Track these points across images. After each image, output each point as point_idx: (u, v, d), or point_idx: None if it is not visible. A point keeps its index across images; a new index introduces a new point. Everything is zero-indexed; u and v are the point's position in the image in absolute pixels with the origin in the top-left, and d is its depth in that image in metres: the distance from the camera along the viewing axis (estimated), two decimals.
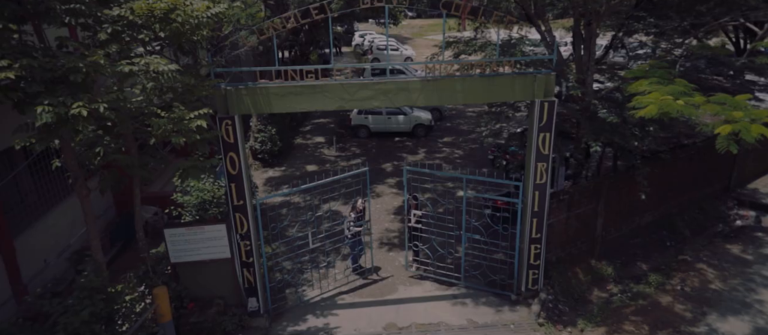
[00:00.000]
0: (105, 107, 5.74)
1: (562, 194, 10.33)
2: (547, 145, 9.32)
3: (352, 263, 11.47)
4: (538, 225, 9.84)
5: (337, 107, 9.00)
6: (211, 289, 9.47)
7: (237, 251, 9.35)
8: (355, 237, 11.07)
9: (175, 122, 6.88)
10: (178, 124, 6.86)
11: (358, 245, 11.27)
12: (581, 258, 11.17)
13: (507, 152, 15.77)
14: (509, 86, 9.05)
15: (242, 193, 9.03)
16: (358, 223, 11.04)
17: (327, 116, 25.58)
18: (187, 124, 6.88)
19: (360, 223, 11.06)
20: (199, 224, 9.16)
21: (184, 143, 7.03)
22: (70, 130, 5.76)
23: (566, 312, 10.02)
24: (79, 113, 5.46)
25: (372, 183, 16.77)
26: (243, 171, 8.91)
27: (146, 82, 6.57)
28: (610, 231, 11.53)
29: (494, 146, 17.46)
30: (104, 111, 5.75)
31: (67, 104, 5.50)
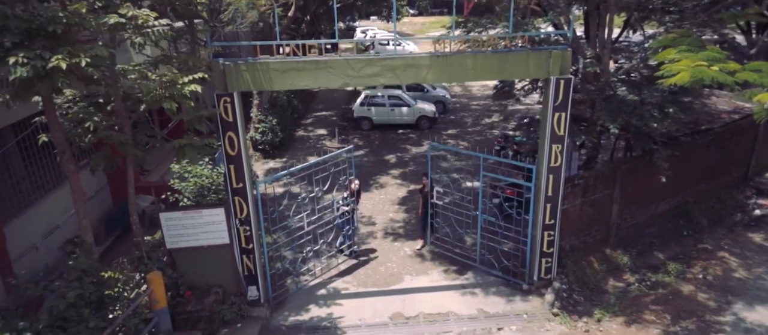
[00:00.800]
0: (87, 61, 5.28)
1: (576, 179, 9.86)
2: (562, 126, 8.86)
3: (346, 241, 11.23)
4: (552, 211, 9.39)
5: (341, 84, 8.55)
6: (209, 277, 9.02)
7: (236, 237, 8.90)
8: (343, 217, 10.78)
9: (166, 85, 6.40)
10: (170, 88, 6.39)
11: (346, 225, 10.95)
12: (595, 246, 10.70)
13: (514, 142, 15.34)
14: (523, 63, 8.59)
15: (242, 175, 8.58)
16: (346, 202, 10.68)
17: (329, 108, 25.18)
18: (180, 88, 6.41)
19: (347, 202, 10.70)
20: (196, 208, 8.72)
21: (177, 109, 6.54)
22: (48, 87, 5.29)
23: (581, 301, 9.56)
24: (57, 65, 5.00)
25: (375, 174, 16.40)
26: (242, 152, 8.46)
27: (134, 38, 6.10)
28: (625, 219, 11.06)
29: (501, 136, 17.01)
30: (86, 66, 5.29)
31: (44, 58, 5.05)
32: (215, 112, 8.00)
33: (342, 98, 26.89)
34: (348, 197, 10.77)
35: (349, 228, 11.07)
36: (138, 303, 7.10)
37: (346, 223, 10.96)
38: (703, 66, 6.00)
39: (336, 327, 9.08)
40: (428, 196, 11.00)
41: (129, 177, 7.95)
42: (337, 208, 10.72)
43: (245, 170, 8.58)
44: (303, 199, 10.03)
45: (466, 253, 10.99)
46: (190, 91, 6.63)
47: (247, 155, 8.74)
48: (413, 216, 13.42)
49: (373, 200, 14.53)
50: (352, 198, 10.84)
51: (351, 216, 10.95)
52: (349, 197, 10.79)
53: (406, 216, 13.47)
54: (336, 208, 10.72)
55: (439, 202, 11.10)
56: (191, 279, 8.92)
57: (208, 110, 7.91)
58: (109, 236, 12.44)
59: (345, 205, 10.75)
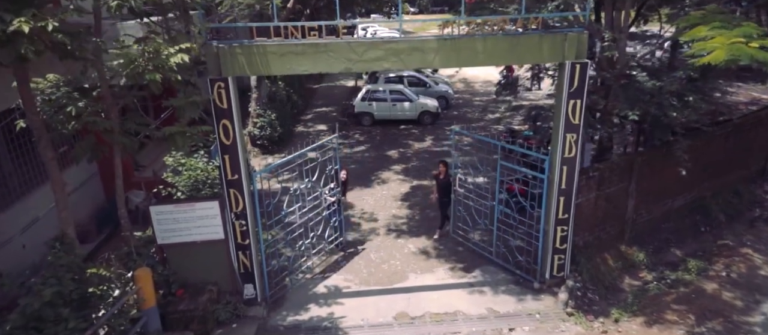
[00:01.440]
0: (55, 25, 4.75)
1: (591, 171, 9.34)
2: (577, 114, 8.35)
3: (334, 233, 10.86)
4: (566, 205, 8.87)
5: (342, 68, 8.03)
6: (203, 274, 8.50)
7: (231, 232, 8.38)
8: (330, 209, 10.42)
9: (150, 56, 5.85)
10: (154, 59, 5.85)
11: (334, 216, 10.60)
12: (610, 242, 10.19)
13: (522, 136, 14.82)
14: (536, 46, 8.08)
15: (237, 166, 8.06)
16: (332, 193, 10.32)
17: (329, 104, 24.70)
18: (165, 59, 5.88)
19: (333, 193, 10.34)
20: (189, 201, 8.20)
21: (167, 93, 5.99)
22: (11, 54, 4.76)
23: (596, 300, 9.05)
24: (19, 28, 4.48)
25: (377, 170, 15.90)
26: (238, 142, 7.94)
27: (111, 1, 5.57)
28: (640, 214, 10.54)
29: (506, 131, 16.51)
30: (55, 32, 4.76)
31: (5, 20, 4.53)
32: (208, 98, 7.48)
33: (343, 93, 26.42)
34: (334, 187, 10.40)
35: (335, 220, 10.69)
36: (123, 302, 6.58)
37: (333, 215, 10.60)
38: (740, 43, 5.49)
39: (337, 328, 8.56)
40: (444, 183, 10.73)
41: (116, 168, 7.42)
42: (325, 199, 10.36)
43: (241, 161, 8.06)
44: (295, 191, 9.54)
45: (483, 245, 10.59)
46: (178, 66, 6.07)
47: (243, 144, 8.22)
48: (417, 212, 12.93)
49: (375, 196, 14.03)
50: (338, 189, 10.50)
51: (337, 207, 10.60)
52: (336, 188, 10.42)
53: (410, 212, 12.96)
54: (324, 199, 10.34)
55: (460, 189, 10.72)
56: (184, 277, 8.41)
57: (201, 96, 7.39)
58: (101, 232, 11.95)
59: (331, 196, 10.38)
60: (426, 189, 14.33)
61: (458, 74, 30.38)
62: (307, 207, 9.83)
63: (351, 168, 16.08)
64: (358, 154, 17.53)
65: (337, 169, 10.38)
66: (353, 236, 11.75)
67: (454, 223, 11.31)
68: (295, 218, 9.60)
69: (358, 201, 13.70)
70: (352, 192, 14.21)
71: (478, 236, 10.83)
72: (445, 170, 10.89)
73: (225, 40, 7.79)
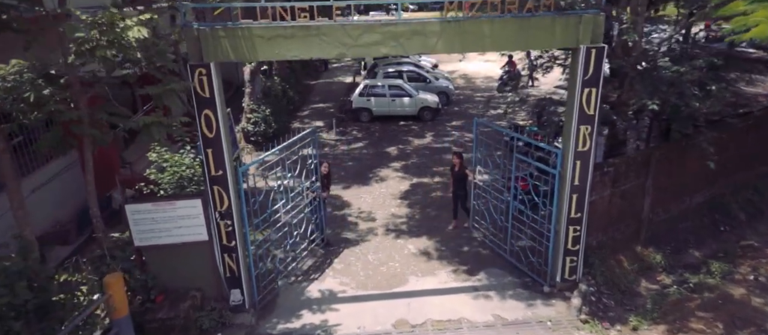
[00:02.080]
0: None
1: (606, 167, 8.65)
2: (592, 103, 7.66)
3: (316, 230, 10.30)
4: (579, 203, 8.19)
5: (336, 54, 7.34)
6: (185, 279, 7.82)
7: (216, 232, 7.69)
8: (311, 205, 9.87)
9: (102, 28, 5.12)
10: (109, 32, 5.13)
11: (316, 212, 10.05)
12: (625, 243, 9.51)
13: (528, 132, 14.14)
14: (548, 30, 7.39)
15: (221, 161, 7.38)
16: (313, 187, 9.75)
17: (327, 100, 24.00)
18: (120, 33, 5.17)
19: (314, 188, 9.79)
20: (168, 199, 7.51)
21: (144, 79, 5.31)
22: None
23: (612, 306, 8.38)
24: None
25: (375, 167, 15.23)
26: (222, 134, 7.25)
27: None
28: (657, 213, 9.86)
29: (510, 126, 15.84)
30: None
31: None
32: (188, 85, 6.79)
33: (340, 89, 25.73)
34: (315, 182, 9.83)
35: (317, 216, 10.13)
36: (90, 312, 5.89)
37: (315, 211, 10.04)
38: None
39: None
40: (458, 175, 10.35)
41: (86, 163, 6.73)
42: (307, 195, 9.80)
43: (225, 156, 7.38)
44: (279, 187, 8.89)
45: (497, 242, 10.05)
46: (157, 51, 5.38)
47: (229, 137, 7.54)
48: (417, 211, 12.26)
49: (373, 195, 13.35)
50: (318, 184, 9.93)
51: (319, 203, 10.02)
52: (316, 183, 9.85)
53: (409, 211, 12.28)
54: (305, 195, 9.76)
55: (479, 182, 10.19)
56: (164, 282, 7.73)
57: (180, 84, 6.70)
58: (82, 233, 11.24)
59: (312, 191, 9.82)
60: (426, 187, 13.67)
61: (459, 70, 29.74)
62: (291, 204, 9.23)
63: (348, 166, 15.43)
64: (355, 151, 16.85)
65: (316, 163, 9.79)
66: (350, 237, 11.07)
67: (473, 217, 10.78)
68: (281, 215, 8.97)
69: (355, 200, 13.03)
70: (350, 190, 13.56)
71: (492, 233, 10.24)
72: (459, 162, 10.41)
73: (207, 23, 7.09)
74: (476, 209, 10.69)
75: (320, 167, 9.99)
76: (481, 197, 10.46)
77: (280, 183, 8.91)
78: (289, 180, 9.02)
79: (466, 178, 10.41)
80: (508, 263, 9.68)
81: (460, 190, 10.64)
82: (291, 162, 9.10)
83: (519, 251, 9.42)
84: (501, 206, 9.77)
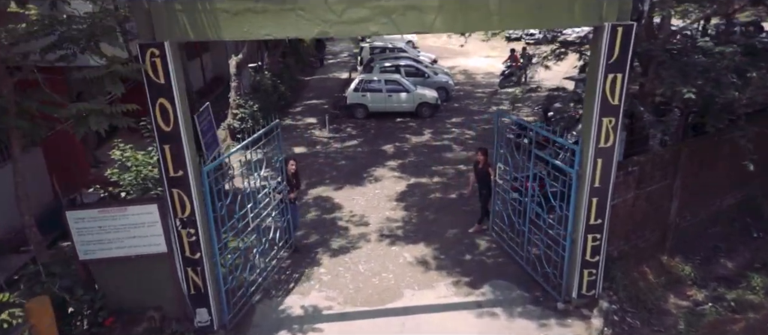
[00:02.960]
0: None
1: (630, 166, 7.52)
2: (617, 92, 6.56)
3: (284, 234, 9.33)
4: (600, 207, 7.08)
5: (316, 32, 6.21)
6: (141, 297, 6.71)
7: (177, 243, 6.57)
8: (278, 207, 8.89)
9: None
10: None
11: (285, 214, 9.06)
12: (649, 252, 8.40)
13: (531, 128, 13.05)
14: (566, 5, 6.27)
15: (182, 160, 6.26)
16: (279, 188, 8.76)
17: (321, 96, 22.92)
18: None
19: (280, 189, 8.79)
20: (118, 204, 6.39)
21: None
22: None
23: (637, 327, 7.27)
24: None
25: (370, 166, 14.13)
26: (182, 127, 6.14)
27: None
28: (684, 217, 8.74)
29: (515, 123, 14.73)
30: None
31: None
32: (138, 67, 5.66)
33: (336, 85, 24.68)
34: (283, 182, 8.82)
35: (284, 220, 9.11)
36: None
37: (282, 213, 9.02)
38: None
39: None
40: (482, 173, 9.52)
41: (14, 163, 5.61)
42: (273, 197, 8.75)
43: (186, 153, 6.26)
44: (245, 190, 7.80)
45: (515, 248, 9.08)
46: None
47: (191, 131, 6.42)
48: (414, 214, 11.18)
49: (367, 196, 12.25)
50: (285, 183, 8.91)
51: (287, 205, 9.01)
52: (283, 183, 8.84)
53: (406, 214, 11.18)
54: (272, 197, 8.70)
55: (500, 180, 9.30)
56: (116, 301, 6.61)
57: (129, 66, 5.58)
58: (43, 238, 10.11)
59: (278, 192, 8.79)
60: (424, 188, 12.58)
61: (459, 65, 28.71)
62: (260, 208, 8.15)
63: (341, 165, 14.35)
64: (349, 149, 15.76)
65: (282, 161, 8.81)
66: (339, 244, 9.97)
67: (492, 219, 9.80)
68: (249, 221, 7.88)
69: (347, 202, 11.94)
70: (342, 192, 12.47)
71: (509, 237, 9.27)
72: (484, 159, 9.43)
73: None
74: (495, 211, 9.73)
75: (286, 165, 8.91)
76: (499, 196, 9.49)
77: (247, 184, 7.80)
78: (256, 181, 7.94)
79: (489, 176, 9.43)
80: (516, 273, 8.63)
81: (483, 189, 9.66)
82: (257, 160, 8.01)
83: (535, 259, 8.36)
84: (519, 209, 8.74)
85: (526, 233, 8.54)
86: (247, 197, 7.71)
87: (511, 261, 9.08)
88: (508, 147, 8.99)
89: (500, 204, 9.53)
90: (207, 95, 21.05)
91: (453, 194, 12.13)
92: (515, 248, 9.08)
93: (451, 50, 33.60)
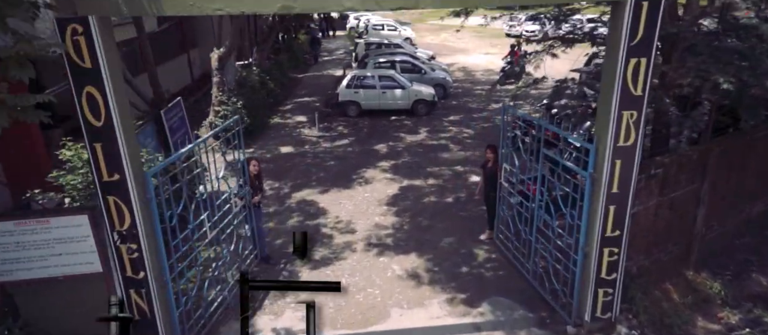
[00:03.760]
0: None
1: (653, 167, 6.45)
2: (640, 80, 5.49)
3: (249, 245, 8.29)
4: (618, 217, 6.02)
5: (279, 8, 5.13)
6: (73, 326, 5.64)
7: (116, 261, 5.51)
8: (242, 212, 7.84)
9: None
10: None
11: (250, 221, 8.08)
12: (672, 267, 7.33)
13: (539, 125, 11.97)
14: None
15: (117, 161, 5.21)
16: (241, 193, 7.72)
17: (313, 93, 21.92)
18: None
19: (242, 193, 7.74)
20: (38, 215, 5.32)
21: None
22: None
23: None
24: None
25: (361, 167, 13.08)
26: (116, 121, 5.08)
27: None
28: (711, 227, 7.67)
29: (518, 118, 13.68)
30: None
31: None
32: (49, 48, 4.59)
33: (329, 83, 23.70)
34: (244, 185, 7.79)
35: (248, 228, 8.12)
36: None
37: (246, 221, 8.02)
38: None
39: None
40: (491, 173, 8.58)
41: None
42: (235, 202, 7.66)
43: (124, 153, 5.20)
44: (201, 196, 6.72)
45: (521, 260, 8.05)
46: None
47: (131, 126, 5.37)
48: (406, 220, 10.14)
49: (355, 200, 11.20)
50: (246, 187, 7.85)
51: (250, 211, 7.98)
52: (246, 186, 7.81)
53: (397, 220, 10.14)
54: (233, 202, 7.61)
55: (505, 183, 8.30)
56: (42, 329, 5.55)
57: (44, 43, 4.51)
58: None
59: (240, 196, 7.73)
60: (418, 191, 11.53)
61: (458, 62, 27.74)
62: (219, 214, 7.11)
63: (329, 166, 13.30)
64: (339, 148, 14.72)
65: (243, 161, 7.75)
66: (321, 254, 8.93)
67: (497, 226, 8.80)
68: (206, 231, 6.83)
69: (333, 206, 10.89)
70: (328, 195, 11.43)
71: (515, 247, 8.27)
72: (493, 157, 8.46)
73: None
74: (500, 217, 8.74)
75: (248, 165, 7.86)
76: (504, 201, 8.48)
77: (203, 189, 6.72)
78: (215, 184, 6.88)
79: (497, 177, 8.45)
80: (519, 289, 7.60)
81: (492, 191, 8.62)
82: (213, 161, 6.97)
83: (542, 273, 7.33)
84: (525, 215, 7.70)
85: (532, 243, 7.50)
86: (202, 204, 6.63)
87: (513, 275, 8.06)
88: (513, 145, 7.96)
89: (505, 209, 8.51)
90: (194, 93, 20.05)
91: (449, 198, 11.09)
92: (520, 259, 8.05)
93: (449, 47, 32.66)
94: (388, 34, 32.26)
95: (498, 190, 8.49)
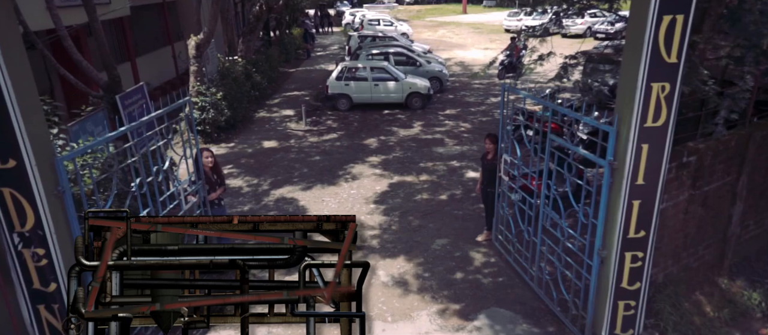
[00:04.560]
0: None
1: (685, 155, 5.34)
2: (675, 43, 4.40)
3: None
4: (644, 214, 4.92)
5: None
6: None
7: (19, 271, 4.40)
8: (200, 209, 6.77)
9: None
10: None
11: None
12: (703, 273, 6.22)
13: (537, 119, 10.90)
14: None
15: (12, 143, 4.10)
16: (193, 189, 6.61)
17: (303, 87, 20.89)
18: None
19: (195, 188, 6.63)
20: None
21: None
22: None
23: None
24: None
25: (348, 163, 12.01)
26: (6, 92, 3.98)
27: None
28: (747, 227, 6.55)
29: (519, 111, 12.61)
30: None
31: None
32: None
33: (320, 77, 22.59)
34: (200, 180, 6.71)
35: None
36: None
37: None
38: None
39: None
40: (491, 166, 7.59)
41: None
42: (186, 199, 6.49)
43: (21, 134, 4.09)
44: (139, 189, 5.56)
45: (524, 265, 7.04)
46: None
47: (32, 103, 4.27)
48: (395, 220, 9.07)
49: (340, 198, 10.13)
50: (201, 181, 6.76)
51: (207, 210, 6.91)
52: (200, 181, 6.71)
53: (385, 220, 9.06)
54: (183, 199, 6.42)
55: (505, 177, 7.25)
56: None
57: None
58: None
59: (192, 193, 6.62)
60: (409, 188, 10.45)
61: (455, 57, 26.77)
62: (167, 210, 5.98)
63: (314, 161, 12.21)
64: (326, 143, 13.63)
65: (197, 153, 6.69)
66: None
67: (496, 225, 7.73)
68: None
69: (315, 205, 9.82)
70: (310, 192, 10.36)
71: (516, 250, 7.23)
72: (493, 149, 7.43)
73: None
74: (497, 216, 7.70)
75: (200, 156, 6.74)
76: (505, 197, 7.42)
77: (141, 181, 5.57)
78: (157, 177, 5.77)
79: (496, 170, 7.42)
80: (522, 299, 6.53)
81: (491, 186, 7.60)
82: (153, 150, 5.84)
83: (549, 281, 6.25)
84: (529, 213, 6.62)
85: (537, 245, 6.42)
86: (140, 199, 5.50)
87: (514, 282, 6.98)
88: (515, 133, 6.88)
89: (505, 207, 7.42)
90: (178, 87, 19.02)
91: (443, 195, 10.01)
92: (523, 264, 6.97)
93: (447, 42, 31.73)
94: (384, 28, 31.27)
95: (497, 185, 7.42)
